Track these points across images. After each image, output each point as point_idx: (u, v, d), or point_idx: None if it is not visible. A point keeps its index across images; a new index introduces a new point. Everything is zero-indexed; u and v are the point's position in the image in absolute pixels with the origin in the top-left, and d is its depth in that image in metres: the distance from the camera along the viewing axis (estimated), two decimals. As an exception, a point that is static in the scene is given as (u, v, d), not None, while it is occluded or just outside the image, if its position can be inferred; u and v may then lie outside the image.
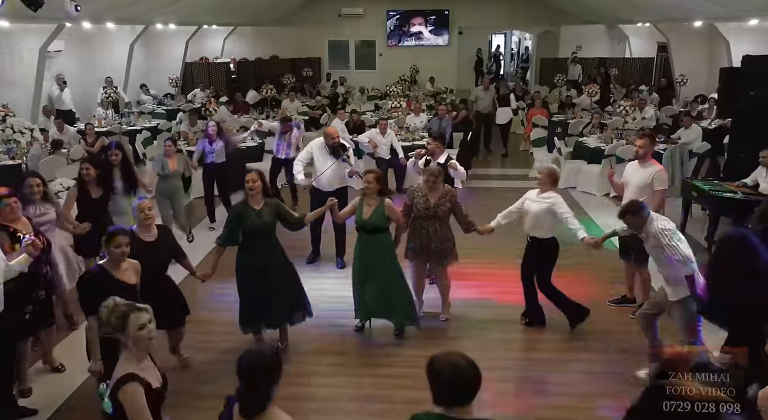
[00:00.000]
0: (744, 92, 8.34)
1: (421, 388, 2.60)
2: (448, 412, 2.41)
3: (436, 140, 6.67)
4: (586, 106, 13.74)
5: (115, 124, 12.10)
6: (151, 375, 2.88)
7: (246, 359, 2.54)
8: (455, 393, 2.41)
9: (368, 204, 5.27)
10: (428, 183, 5.42)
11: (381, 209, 5.23)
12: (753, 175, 7.44)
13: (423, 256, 5.59)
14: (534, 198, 5.46)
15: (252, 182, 4.88)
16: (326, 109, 14.70)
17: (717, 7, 10.80)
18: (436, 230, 5.47)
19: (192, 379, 4.81)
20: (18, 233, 4.45)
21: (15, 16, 8.76)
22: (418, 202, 5.46)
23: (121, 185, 6.21)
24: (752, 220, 6.45)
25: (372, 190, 5.24)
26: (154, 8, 11.64)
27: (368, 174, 5.37)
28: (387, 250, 5.36)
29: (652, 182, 5.53)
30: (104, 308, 2.87)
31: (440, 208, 5.43)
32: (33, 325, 4.64)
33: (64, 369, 4.98)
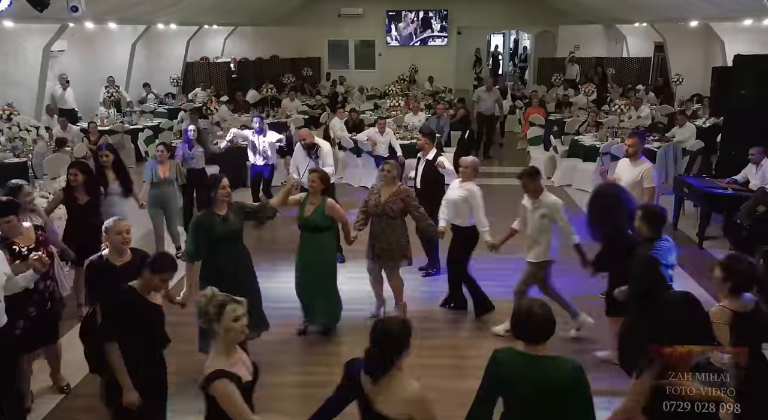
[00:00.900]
0: (735, 91, 8.50)
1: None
2: (527, 349, 2.72)
3: (426, 136, 6.74)
4: (583, 105, 13.91)
5: (117, 123, 12.27)
6: (242, 368, 2.91)
7: (380, 326, 2.73)
8: (534, 332, 2.71)
9: (311, 202, 5.23)
10: (383, 172, 5.45)
11: (322, 208, 5.19)
12: (743, 172, 7.62)
13: (370, 253, 5.55)
14: (455, 186, 5.67)
15: (227, 187, 4.69)
16: (326, 108, 14.85)
17: (712, 8, 10.94)
18: (383, 229, 5.39)
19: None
20: (14, 246, 4.21)
21: (19, 16, 8.91)
22: (371, 199, 5.47)
23: (117, 187, 6.12)
24: (740, 214, 6.64)
25: (316, 189, 5.19)
26: (157, 8, 11.79)
27: (313, 173, 5.28)
28: (326, 250, 5.32)
29: (642, 179, 5.69)
30: (203, 297, 2.89)
31: (389, 206, 5.35)
32: (27, 342, 4.31)
33: (69, 390, 4.77)
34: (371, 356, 2.67)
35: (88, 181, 5.60)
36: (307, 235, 5.31)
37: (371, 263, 5.62)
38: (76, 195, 5.59)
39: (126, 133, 11.99)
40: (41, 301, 4.39)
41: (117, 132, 11.80)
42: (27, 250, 4.19)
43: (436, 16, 19.92)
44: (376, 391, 2.66)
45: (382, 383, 2.65)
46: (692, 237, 7.92)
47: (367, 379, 2.68)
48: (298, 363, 5.25)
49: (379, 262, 5.52)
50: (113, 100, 12.91)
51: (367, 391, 2.68)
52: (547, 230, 5.13)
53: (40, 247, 4.30)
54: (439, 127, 11.54)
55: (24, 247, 4.22)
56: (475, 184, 5.65)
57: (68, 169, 5.77)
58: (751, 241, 6.53)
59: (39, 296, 4.36)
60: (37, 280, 4.16)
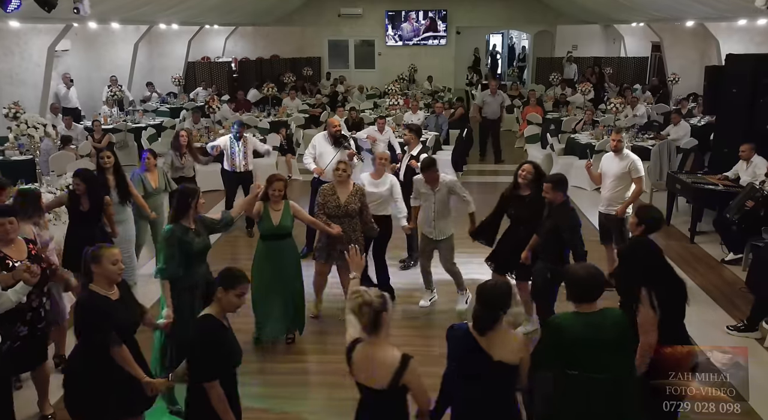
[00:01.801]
0: (727, 90, 8.66)
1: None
2: (578, 308, 3.07)
3: (412, 132, 7.00)
4: (580, 104, 14.08)
5: (120, 122, 12.45)
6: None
7: (486, 287, 3.05)
8: (584, 291, 3.05)
9: (274, 209, 5.04)
10: (338, 172, 5.45)
11: (288, 211, 5.07)
12: (734, 169, 7.78)
13: (329, 255, 5.53)
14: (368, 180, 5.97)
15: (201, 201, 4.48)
16: (326, 107, 15.02)
17: (706, 8, 11.10)
18: (345, 230, 5.39)
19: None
20: (7, 260, 3.93)
21: (25, 16, 9.06)
22: (329, 201, 5.42)
23: (115, 196, 5.95)
24: (729, 209, 6.81)
25: (278, 196, 5.02)
26: (161, 9, 11.94)
27: (278, 182, 5.03)
28: (295, 253, 5.24)
29: (630, 172, 5.89)
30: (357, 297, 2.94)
31: (350, 206, 5.40)
32: (13, 363, 4.00)
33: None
34: (480, 315, 2.96)
35: (89, 190, 5.48)
36: (273, 244, 5.08)
37: (319, 263, 5.60)
38: (81, 201, 5.52)
39: (129, 131, 12.16)
40: (35, 320, 4.08)
41: (120, 130, 11.97)
42: (20, 263, 3.87)
43: (435, 16, 20.09)
44: (490, 344, 2.95)
45: (490, 337, 2.95)
46: (685, 233, 8.09)
47: (478, 336, 2.97)
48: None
49: (337, 262, 5.50)
50: (116, 99, 13.08)
51: (484, 347, 2.95)
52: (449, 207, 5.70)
53: (33, 262, 3.92)
54: (438, 126, 11.74)
55: (17, 261, 3.93)
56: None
57: (72, 177, 5.68)
58: (739, 234, 6.74)
59: (34, 314, 4.06)
60: (32, 297, 3.95)
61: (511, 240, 5.33)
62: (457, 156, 11.04)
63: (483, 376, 2.97)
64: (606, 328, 3.00)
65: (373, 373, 2.87)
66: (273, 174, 5.26)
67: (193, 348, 3.15)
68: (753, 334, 5.39)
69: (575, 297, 3.09)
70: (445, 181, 5.66)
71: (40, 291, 4.07)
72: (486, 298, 2.98)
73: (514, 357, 2.96)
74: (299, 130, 13.07)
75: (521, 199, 5.21)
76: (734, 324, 5.56)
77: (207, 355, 3.07)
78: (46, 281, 4.13)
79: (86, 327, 3.35)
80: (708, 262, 7.22)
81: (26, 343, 4.03)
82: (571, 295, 3.11)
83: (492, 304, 2.96)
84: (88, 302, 3.37)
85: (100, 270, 3.37)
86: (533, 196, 5.11)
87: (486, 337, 2.95)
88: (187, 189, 4.51)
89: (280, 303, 5.15)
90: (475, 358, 2.95)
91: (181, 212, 4.36)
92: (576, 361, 3.00)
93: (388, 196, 5.94)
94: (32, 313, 4.04)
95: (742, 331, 5.43)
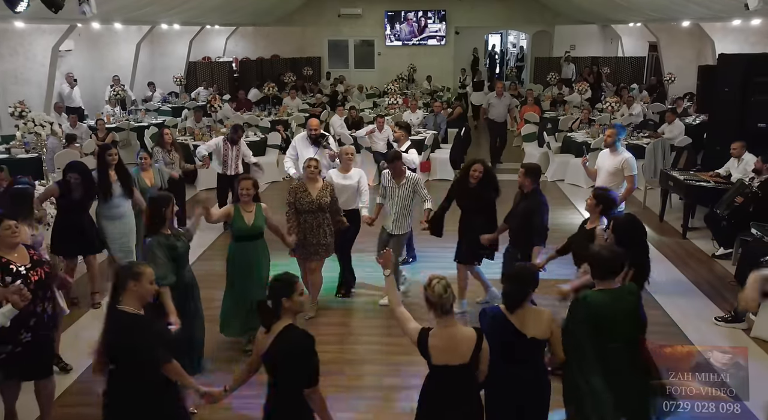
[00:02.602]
0: (720, 89, 8.83)
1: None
2: (600, 285, 3.44)
3: (402, 129, 7.39)
4: (577, 104, 14.25)
5: (123, 121, 12.62)
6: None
7: (516, 270, 3.47)
8: (607, 270, 3.42)
9: (246, 210, 5.08)
10: (308, 169, 5.58)
11: (260, 212, 5.12)
12: (726, 166, 7.95)
13: (302, 250, 5.67)
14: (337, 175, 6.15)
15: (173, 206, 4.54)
16: (326, 107, 15.19)
17: (701, 8, 11.27)
18: (319, 224, 5.57)
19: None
20: (11, 265, 3.82)
21: (30, 17, 9.24)
22: (301, 197, 5.53)
23: (119, 188, 6.09)
24: (720, 205, 6.97)
25: (249, 197, 5.05)
26: (163, 9, 12.11)
27: (245, 181, 5.08)
28: (267, 253, 5.28)
29: (623, 169, 6.05)
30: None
31: (322, 200, 5.54)
32: (15, 369, 3.91)
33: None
34: (510, 294, 3.31)
35: (83, 181, 5.73)
36: (246, 244, 5.13)
37: (301, 260, 5.76)
38: (72, 192, 5.70)
39: (132, 130, 12.34)
40: (38, 325, 3.91)
41: (123, 129, 12.15)
42: (24, 269, 3.85)
43: (434, 17, 20.25)
44: (521, 321, 3.27)
45: (519, 314, 3.27)
46: (678, 229, 8.25)
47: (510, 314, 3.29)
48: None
49: (312, 257, 5.66)
50: (119, 99, 13.25)
51: (518, 326, 3.26)
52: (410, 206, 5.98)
53: (36, 266, 3.92)
54: (437, 125, 11.90)
55: (21, 266, 3.85)
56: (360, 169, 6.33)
57: (67, 171, 5.79)
58: (729, 230, 6.90)
59: (37, 319, 3.91)
60: (36, 301, 3.84)
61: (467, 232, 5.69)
62: (454, 154, 11.21)
63: (518, 353, 3.29)
64: (624, 300, 3.41)
65: (457, 350, 3.13)
66: (241, 174, 5.27)
67: (292, 358, 3.08)
68: (740, 325, 5.56)
69: (600, 275, 3.45)
70: (411, 177, 5.92)
71: (43, 295, 3.95)
72: (517, 276, 3.36)
73: (543, 332, 3.30)
74: (300, 129, 13.21)
75: (470, 191, 5.59)
76: (722, 315, 5.73)
77: (308, 362, 3.09)
78: (49, 285, 4.03)
79: (136, 350, 3.16)
80: (699, 257, 7.38)
81: (29, 350, 3.87)
82: (596, 274, 3.47)
83: (523, 280, 3.32)
84: (135, 325, 3.21)
85: (137, 288, 3.24)
86: (480, 189, 5.56)
87: (515, 314, 3.28)
88: (159, 198, 4.52)
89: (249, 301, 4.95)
90: (510, 336, 3.27)
91: (158, 223, 4.37)
92: (599, 332, 3.31)
93: (356, 190, 6.11)
94: (36, 319, 3.89)
95: (729, 322, 5.60)
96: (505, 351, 3.27)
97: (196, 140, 10.48)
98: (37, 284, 3.85)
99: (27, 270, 3.83)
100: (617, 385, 3.27)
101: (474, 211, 5.62)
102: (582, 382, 3.28)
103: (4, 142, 9.88)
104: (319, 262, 5.75)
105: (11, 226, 3.87)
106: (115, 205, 6.10)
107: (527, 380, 3.31)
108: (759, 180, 6.97)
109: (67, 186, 5.75)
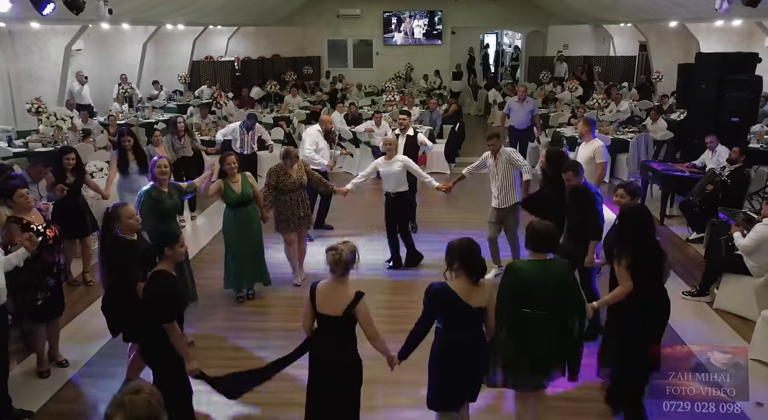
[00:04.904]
0: (697, 86, 9.37)
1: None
2: (532, 256, 3.78)
3: (408, 116, 8.21)
4: (568, 101, 14.80)
5: (132, 117, 13.14)
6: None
7: (458, 243, 3.64)
8: (538, 241, 3.74)
9: (233, 182, 5.91)
10: (290, 163, 6.30)
11: (246, 180, 5.96)
12: (701, 157, 8.50)
13: (291, 224, 6.39)
14: (385, 163, 6.78)
15: (164, 168, 5.39)
16: (326, 104, 15.71)
17: (683, 10, 11.80)
18: (302, 199, 6.43)
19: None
20: (31, 225, 4.61)
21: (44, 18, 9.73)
22: (283, 179, 6.29)
23: (135, 166, 7.10)
24: (692, 192, 7.52)
25: (234, 169, 5.87)
26: (171, 10, 12.60)
27: (229, 157, 5.93)
28: (257, 218, 6.11)
29: (594, 157, 6.57)
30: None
31: (301, 179, 6.37)
32: (46, 311, 4.76)
33: (67, 364, 5.02)
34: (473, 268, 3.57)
35: (76, 165, 6.43)
36: (239, 210, 5.97)
37: (288, 234, 6.44)
38: (67, 174, 6.34)
39: (141, 126, 12.86)
40: (59, 272, 4.83)
41: (133, 125, 12.66)
42: (42, 227, 4.66)
43: (431, 17, 20.77)
44: (467, 293, 3.55)
45: (465, 287, 3.55)
46: (657, 216, 8.80)
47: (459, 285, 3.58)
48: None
49: (300, 227, 6.46)
50: (126, 96, 13.77)
51: (462, 295, 3.55)
52: (511, 176, 6.42)
53: (50, 224, 4.79)
54: (432, 121, 12.44)
55: (39, 225, 4.67)
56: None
57: (63, 154, 6.43)
58: (701, 215, 7.46)
59: (58, 267, 4.79)
60: (53, 253, 4.67)
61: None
62: (449, 149, 11.74)
63: (460, 321, 3.60)
64: (552, 274, 3.67)
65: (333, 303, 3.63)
66: (223, 153, 6.33)
67: (149, 294, 3.83)
68: (704, 298, 6.12)
69: (531, 246, 3.77)
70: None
71: (58, 247, 4.79)
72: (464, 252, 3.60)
73: (486, 301, 3.62)
74: (301, 125, 13.76)
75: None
76: (688, 290, 6.28)
77: (163, 301, 3.80)
78: (61, 239, 4.89)
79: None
80: (675, 242, 7.94)
81: (54, 293, 4.76)
82: (528, 244, 3.79)
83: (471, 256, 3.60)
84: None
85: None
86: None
87: (461, 287, 3.55)
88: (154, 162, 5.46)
89: (248, 260, 6.09)
90: (458, 306, 3.56)
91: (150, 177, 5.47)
92: (526, 301, 3.63)
93: (400, 174, 6.76)
94: (57, 267, 4.79)
95: (695, 296, 6.16)
96: (450, 319, 3.60)
97: (203, 135, 11.03)
98: (54, 239, 4.71)
99: (44, 228, 4.66)
100: (536, 348, 3.62)
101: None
102: (498, 336, 3.66)
103: (20, 137, 10.40)
104: (303, 232, 6.60)
105: (24, 193, 4.67)
106: (133, 180, 7.04)
107: (467, 345, 3.61)
108: (729, 169, 7.53)
109: (61, 170, 6.31)
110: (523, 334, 3.64)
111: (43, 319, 4.83)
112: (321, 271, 6.50)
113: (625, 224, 4.11)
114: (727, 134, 8.45)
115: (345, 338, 3.64)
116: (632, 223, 4.06)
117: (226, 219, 6.07)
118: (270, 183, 6.32)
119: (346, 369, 3.67)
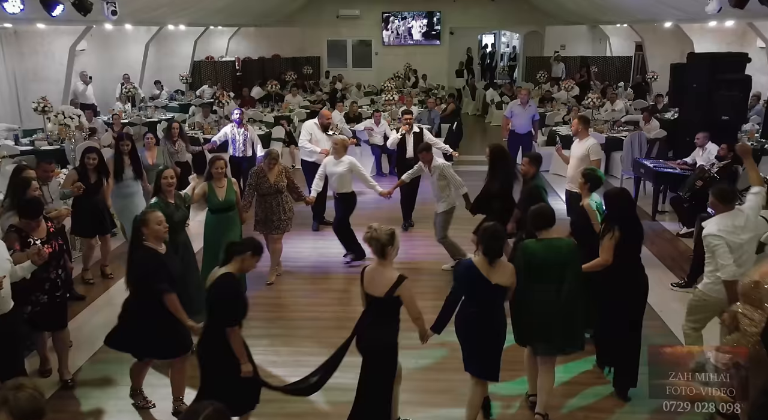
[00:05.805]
0: (688, 85, 9.59)
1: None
2: (539, 235, 4.19)
3: (411, 115, 8.58)
4: (564, 100, 15.03)
5: (135, 117, 13.36)
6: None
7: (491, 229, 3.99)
8: (540, 222, 4.19)
9: (219, 186, 5.88)
10: (269, 164, 6.42)
11: (231, 186, 5.95)
12: (692, 155, 8.72)
13: (265, 227, 6.55)
14: (333, 162, 7.08)
15: (171, 179, 5.30)
16: (326, 104, 15.92)
17: (676, 11, 12.02)
18: (279, 203, 6.48)
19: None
20: (29, 239, 4.48)
21: (50, 19, 9.93)
22: (261, 182, 6.40)
23: (130, 172, 7.01)
24: (683, 188, 7.75)
25: (221, 173, 5.87)
26: (174, 11, 12.81)
27: (219, 160, 5.92)
28: (238, 222, 6.05)
29: (589, 154, 6.78)
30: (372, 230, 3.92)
31: (279, 184, 6.43)
32: (38, 325, 4.70)
33: (72, 384, 4.83)
34: (490, 248, 3.90)
35: (98, 165, 6.51)
36: (221, 216, 5.93)
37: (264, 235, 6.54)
38: (89, 174, 6.42)
39: (144, 125, 13.08)
40: (53, 288, 4.65)
41: (136, 124, 12.89)
42: (41, 241, 4.48)
43: (430, 18, 20.99)
44: (490, 271, 3.91)
45: (495, 265, 3.91)
46: (649, 212, 9.01)
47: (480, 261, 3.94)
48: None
49: (274, 231, 6.57)
50: (129, 96, 13.99)
51: (485, 273, 3.90)
52: (446, 186, 6.86)
53: (51, 239, 4.60)
54: (431, 120, 12.64)
55: (38, 239, 4.50)
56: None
57: (86, 153, 6.54)
58: (691, 211, 7.67)
59: (51, 284, 4.63)
60: (50, 269, 4.53)
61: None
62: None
63: (480, 294, 3.97)
64: (558, 251, 4.11)
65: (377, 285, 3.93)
66: (213, 156, 6.35)
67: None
68: (692, 289, 6.30)
69: (537, 226, 4.22)
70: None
71: (57, 263, 4.65)
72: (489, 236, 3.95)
73: (506, 280, 3.99)
74: (301, 124, 13.94)
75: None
76: (677, 282, 6.50)
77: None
78: (62, 254, 4.78)
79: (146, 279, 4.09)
80: (666, 236, 8.16)
81: (46, 309, 4.62)
82: (534, 226, 4.23)
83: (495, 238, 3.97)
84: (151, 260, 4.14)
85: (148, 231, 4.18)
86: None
87: (485, 265, 3.91)
88: (159, 169, 5.44)
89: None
90: (478, 281, 3.93)
91: (157, 188, 5.36)
92: (538, 276, 4.04)
93: (346, 174, 7.05)
94: (50, 283, 4.61)
95: (683, 287, 6.38)
96: (469, 291, 4.01)
97: (206, 134, 11.24)
98: (51, 255, 4.45)
99: (42, 243, 4.47)
100: (543, 317, 4.06)
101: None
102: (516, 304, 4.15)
103: (26, 135, 10.61)
104: (279, 235, 6.66)
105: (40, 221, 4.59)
106: (126, 185, 7.00)
107: (487, 317, 3.99)
108: (718, 166, 7.75)
109: (83, 170, 6.44)
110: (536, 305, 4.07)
111: (37, 328, 4.78)
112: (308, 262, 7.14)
113: (613, 205, 4.54)
114: (718, 132, 8.66)
115: (385, 319, 3.86)
116: (618, 206, 4.51)
117: (208, 223, 6.05)
118: (251, 183, 6.47)
119: (380, 347, 3.86)
